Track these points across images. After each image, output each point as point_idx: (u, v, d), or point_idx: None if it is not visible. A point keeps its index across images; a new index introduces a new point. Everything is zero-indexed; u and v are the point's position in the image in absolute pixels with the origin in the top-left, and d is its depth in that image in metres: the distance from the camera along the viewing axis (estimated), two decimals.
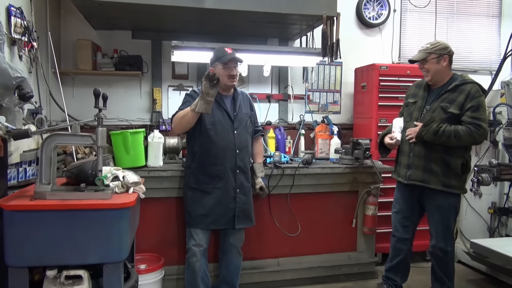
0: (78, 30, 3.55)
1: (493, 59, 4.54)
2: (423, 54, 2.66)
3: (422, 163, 2.69)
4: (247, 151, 2.76)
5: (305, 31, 3.70)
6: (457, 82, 2.62)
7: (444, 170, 2.63)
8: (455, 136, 2.53)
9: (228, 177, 2.65)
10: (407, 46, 4.38)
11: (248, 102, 2.86)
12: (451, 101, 2.60)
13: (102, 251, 1.80)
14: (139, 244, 2.70)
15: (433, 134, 2.58)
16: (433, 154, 2.64)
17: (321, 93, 4.20)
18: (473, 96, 2.55)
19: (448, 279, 2.77)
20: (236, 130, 2.68)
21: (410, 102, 2.85)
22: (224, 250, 2.84)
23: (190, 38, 3.51)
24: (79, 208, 1.79)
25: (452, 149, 2.60)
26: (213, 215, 2.63)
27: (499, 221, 3.49)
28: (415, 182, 2.73)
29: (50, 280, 1.78)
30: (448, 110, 2.59)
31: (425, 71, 2.68)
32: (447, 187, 2.63)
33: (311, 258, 3.33)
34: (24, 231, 1.74)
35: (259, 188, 2.88)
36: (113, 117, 3.62)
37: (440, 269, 2.77)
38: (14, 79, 1.94)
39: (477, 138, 2.54)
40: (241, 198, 2.70)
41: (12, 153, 2.04)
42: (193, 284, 2.67)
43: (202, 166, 2.64)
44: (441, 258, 2.75)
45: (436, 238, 2.73)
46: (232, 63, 2.59)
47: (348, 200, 3.40)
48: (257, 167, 2.90)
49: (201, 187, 2.65)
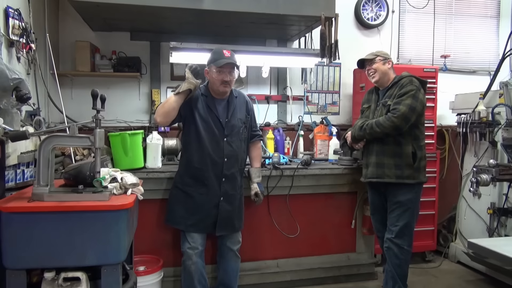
0: (77, 32, 3.54)
1: (491, 59, 4.54)
2: (372, 55, 2.88)
3: (375, 160, 2.80)
4: (237, 159, 2.68)
5: (303, 32, 3.70)
6: (395, 80, 2.81)
7: (397, 161, 2.73)
8: (377, 125, 2.70)
9: (212, 184, 2.59)
10: (406, 47, 4.38)
11: (245, 106, 2.76)
12: (390, 96, 2.77)
13: (100, 253, 1.80)
14: (138, 245, 2.68)
15: (359, 130, 2.81)
16: (385, 147, 2.76)
17: (319, 94, 4.20)
18: (402, 86, 2.71)
19: (400, 279, 2.79)
20: (227, 138, 2.61)
21: (365, 107, 3.03)
22: (222, 253, 2.82)
23: (189, 39, 3.50)
24: (77, 210, 1.78)
25: (400, 139, 2.72)
26: (192, 219, 2.60)
27: (499, 221, 3.48)
28: (371, 180, 2.85)
29: (48, 282, 1.77)
30: (386, 104, 2.75)
31: (372, 71, 2.85)
32: (400, 178, 2.72)
33: (311, 259, 3.33)
34: (22, 233, 1.73)
35: (254, 194, 2.82)
36: (111, 118, 3.62)
37: (393, 268, 2.78)
38: (12, 81, 1.93)
39: (396, 122, 2.63)
40: (224, 207, 2.63)
41: (10, 154, 2.03)
42: (190, 287, 2.64)
43: (188, 168, 2.62)
44: (396, 255, 2.77)
45: (394, 233, 2.77)
46: (226, 68, 2.50)
47: (347, 201, 3.40)
48: (253, 172, 2.84)
49: (185, 189, 2.62)
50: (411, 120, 2.65)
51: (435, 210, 3.88)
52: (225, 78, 2.51)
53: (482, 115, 3.56)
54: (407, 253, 2.80)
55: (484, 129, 3.56)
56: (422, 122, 2.80)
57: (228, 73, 2.52)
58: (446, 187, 4.16)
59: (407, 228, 2.78)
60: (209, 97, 2.62)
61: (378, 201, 2.96)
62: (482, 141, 3.66)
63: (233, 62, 2.50)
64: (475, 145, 3.78)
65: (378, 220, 3.00)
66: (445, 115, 4.18)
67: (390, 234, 2.80)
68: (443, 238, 4.12)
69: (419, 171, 2.76)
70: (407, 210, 2.76)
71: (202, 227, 2.63)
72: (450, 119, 4.13)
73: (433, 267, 3.83)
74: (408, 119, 2.64)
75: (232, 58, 2.53)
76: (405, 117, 2.62)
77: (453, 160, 4.27)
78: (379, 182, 2.81)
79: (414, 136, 2.75)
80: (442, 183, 4.09)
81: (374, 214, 3.02)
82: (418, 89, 2.69)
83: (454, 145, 4.30)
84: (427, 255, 3.94)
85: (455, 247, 3.94)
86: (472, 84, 4.18)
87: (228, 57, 2.50)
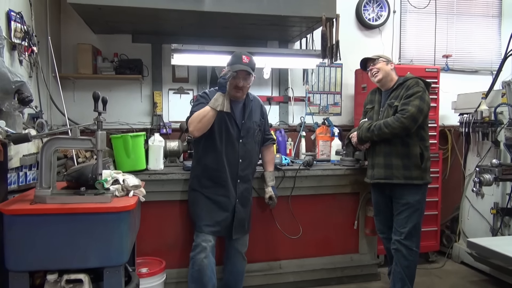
0: (78, 34, 3.56)
1: (493, 59, 4.53)
2: (375, 56, 2.90)
3: (383, 161, 2.80)
4: (251, 161, 2.72)
5: (304, 33, 3.70)
6: (400, 81, 2.81)
7: (405, 162, 2.73)
8: (385, 126, 2.69)
9: (229, 186, 2.61)
10: (407, 47, 4.37)
11: (260, 109, 2.80)
12: (396, 97, 2.77)
13: (103, 254, 1.80)
14: (141, 247, 2.68)
15: (367, 131, 2.79)
16: (392, 148, 2.76)
17: (321, 95, 4.20)
18: (409, 88, 2.71)
19: (409, 280, 2.78)
20: (242, 139, 2.63)
21: (368, 108, 3.03)
22: (229, 255, 2.82)
23: (190, 41, 3.51)
24: (79, 212, 1.79)
25: (408, 140, 2.72)
26: (213, 221, 2.60)
27: (502, 221, 3.47)
28: (378, 181, 2.84)
29: (50, 284, 1.77)
30: (393, 105, 2.75)
31: (376, 71, 2.85)
32: (409, 179, 2.73)
33: (313, 260, 3.32)
34: (24, 235, 1.74)
35: (268, 198, 2.85)
36: (113, 120, 3.62)
37: (402, 269, 2.77)
38: (14, 83, 1.94)
39: (405, 122, 2.63)
40: (239, 209, 2.66)
41: (12, 157, 2.04)
42: (199, 283, 2.56)
43: (205, 170, 2.62)
44: (405, 256, 2.76)
45: (403, 235, 2.76)
46: (241, 74, 2.52)
47: (349, 202, 3.40)
48: (268, 175, 2.87)
49: (203, 191, 2.63)
50: (419, 121, 2.66)
51: (438, 211, 3.87)
52: (239, 84, 2.53)
53: (484, 114, 3.55)
54: (416, 254, 2.79)
55: (487, 129, 3.55)
56: (427, 123, 2.82)
57: (242, 79, 2.53)
58: (449, 187, 4.15)
59: (415, 229, 2.77)
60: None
61: (382, 202, 2.95)
62: (484, 141, 3.65)
63: (247, 69, 2.51)
64: (477, 145, 3.77)
65: (382, 221, 2.99)
66: (447, 115, 4.17)
67: (398, 236, 2.78)
68: (447, 239, 4.10)
69: (426, 171, 2.77)
70: (415, 211, 2.76)
71: (221, 230, 2.63)
72: (453, 119, 4.12)
73: (436, 267, 3.81)
74: (417, 120, 2.64)
75: (250, 64, 2.55)
76: (414, 118, 2.63)
77: (456, 160, 4.26)
78: (386, 183, 2.80)
79: (421, 137, 2.76)
80: (445, 183, 4.08)
81: (378, 215, 3.02)
82: (424, 90, 2.70)
83: (457, 145, 4.29)
84: (430, 255, 3.93)
85: (459, 247, 3.92)
86: (474, 84, 4.16)
87: (245, 63, 2.52)
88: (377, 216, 3.03)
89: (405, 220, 2.76)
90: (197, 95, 2.73)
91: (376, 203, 3.01)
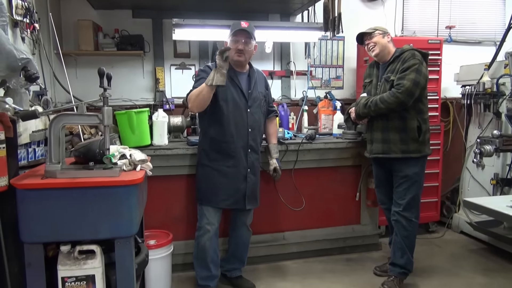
0: (78, 10, 3.53)
1: (497, 29, 4.47)
2: (371, 29, 2.85)
3: (380, 136, 2.82)
4: (260, 130, 2.73)
5: (306, 6, 3.66)
6: (397, 54, 2.77)
7: (402, 136, 2.74)
8: (381, 101, 2.68)
9: (240, 156, 2.62)
10: (410, 18, 4.32)
11: (264, 81, 2.81)
12: (392, 70, 2.75)
13: (113, 226, 1.85)
14: (148, 221, 2.74)
15: (363, 108, 2.79)
16: (389, 123, 2.76)
17: (323, 69, 4.18)
18: (405, 60, 2.68)
19: (409, 250, 2.85)
20: (250, 109, 2.63)
21: (367, 82, 3.02)
22: (234, 227, 2.89)
23: (191, 15, 3.48)
24: (89, 186, 1.83)
25: (405, 114, 2.72)
26: (224, 194, 2.63)
27: (502, 191, 3.52)
28: (377, 155, 2.87)
29: (64, 255, 1.83)
30: (389, 79, 2.73)
31: (372, 45, 2.83)
32: (406, 152, 2.75)
33: (316, 232, 3.40)
34: (36, 209, 1.78)
35: (273, 170, 2.88)
36: (117, 97, 3.64)
37: (402, 239, 2.84)
38: (20, 61, 1.95)
39: (400, 97, 2.62)
40: (251, 178, 2.69)
41: (21, 133, 2.07)
42: (202, 263, 2.70)
43: (214, 143, 2.62)
44: (404, 227, 2.82)
45: (402, 206, 2.80)
46: (240, 36, 2.51)
47: (351, 174, 3.45)
48: (272, 147, 2.89)
49: (212, 165, 2.63)
50: (415, 95, 2.65)
51: (439, 182, 3.92)
52: (239, 47, 2.53)
53: (486, 86, 3.55)
54: (415, 224, 2.85)
55: (489, 100, 3.56)
56: (425, 95, 2.80)
57: (243, 42, 2.53)
58: (450, 159, 4.19)
59: (414, 201, 2.82)
60: (231, 70, 2.58)
61: (382, 174, 2.99)
62: (486, 113, 3.67)
63: (245, 30, 2.51)
64: (479, 117, 3.78)
65: (383, 192, 3.04)
66: (449, 88, 4.16)
67: (398, 208, 2.83)
68: (447, 209, 4.18)
69: (424, 144, 2.79)
70: (414, 183, 2.79)
71: (233, 202, 2.65)
72: (455, 92, 4.12)
73: (436, 237, 3.90)
74: (413, 94, 2.63)
75: (249, 28, 2.54)
76: (409, 92, 2.61)
77: (457, 132, 4.28)
78: (385, 158, 2.84)
79: (418, 110, 2.75)
80: (446, 155, 4.12)
81: (379, 186, 3.07)
82: (421, 62, 2.67)
83: (459, 117, 4.31)
84: (430, 226, 4.01)
85: (458, 217, 4.00)
86: (478, 55, 4.13)
87: (244, 27, 2.51)
88: (378, 188, 3.08)
89: (404, 192, 2.80)
90: (199, 70, 2.73)
91: (377, 175, 3.06)
